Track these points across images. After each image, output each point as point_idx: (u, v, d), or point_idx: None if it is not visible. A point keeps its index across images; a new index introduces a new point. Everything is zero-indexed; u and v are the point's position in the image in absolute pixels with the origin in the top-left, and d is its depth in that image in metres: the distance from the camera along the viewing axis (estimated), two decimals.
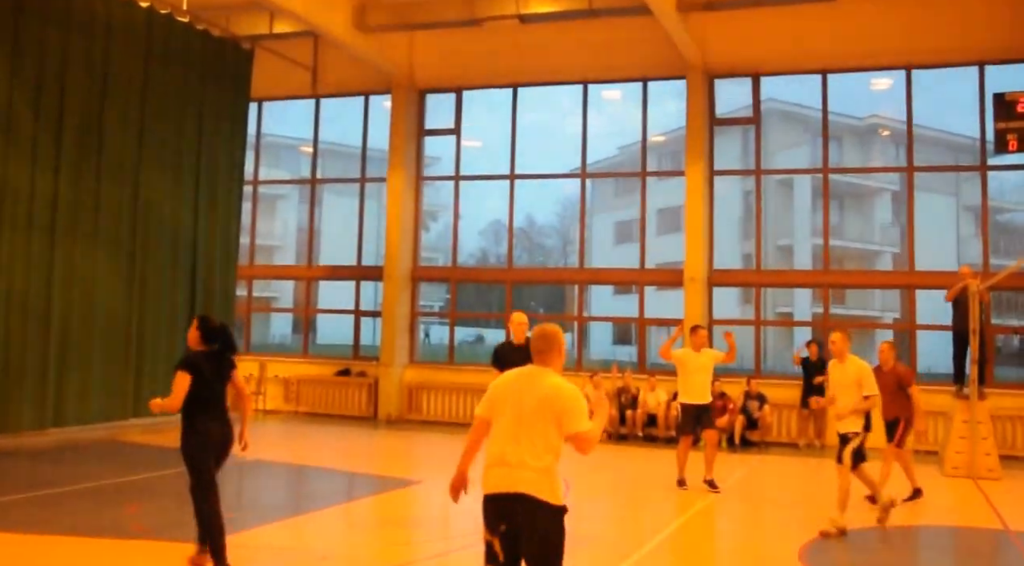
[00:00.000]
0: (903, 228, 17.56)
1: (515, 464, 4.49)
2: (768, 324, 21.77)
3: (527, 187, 20.51)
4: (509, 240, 20.23)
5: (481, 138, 20.91)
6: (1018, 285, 16.95)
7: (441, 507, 10.54)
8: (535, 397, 4.56)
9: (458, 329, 21.70)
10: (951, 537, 9.61)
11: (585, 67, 18.51)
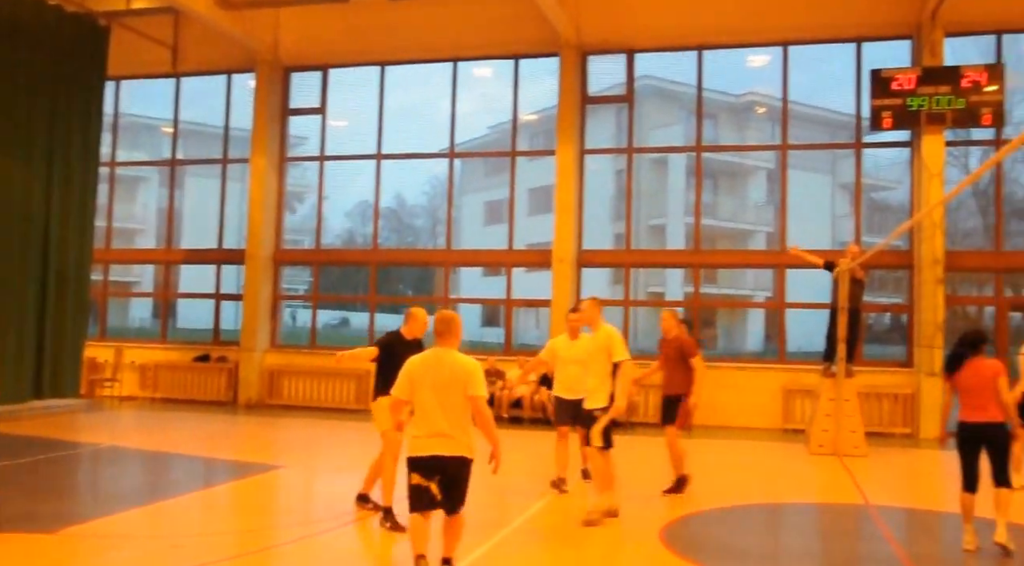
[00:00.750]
0: (777, 207, 17.60)
1: (447, 435, 5.95)
2: (638, 304, 21.72)
3: (397, 167, 19.94)
4: (375, 221, 19.56)
5: (349, 118, 20.18)
6: (891, 263, 17.20)
7: (303, 492, 10.38)
8: (447, 373, 6.01)
9: (324, 312, 21.02)
10: (814, 514, 9.59)
11: (456, 44, 17.97)
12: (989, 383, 7.48)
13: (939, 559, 7.87)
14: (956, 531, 7.70)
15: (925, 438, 15.10)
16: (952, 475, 12.57)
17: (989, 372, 7.51)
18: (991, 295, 16.50)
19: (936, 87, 15.49)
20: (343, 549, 7.46)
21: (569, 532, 7.99)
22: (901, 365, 16.18)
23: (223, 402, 18.21)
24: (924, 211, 12.47)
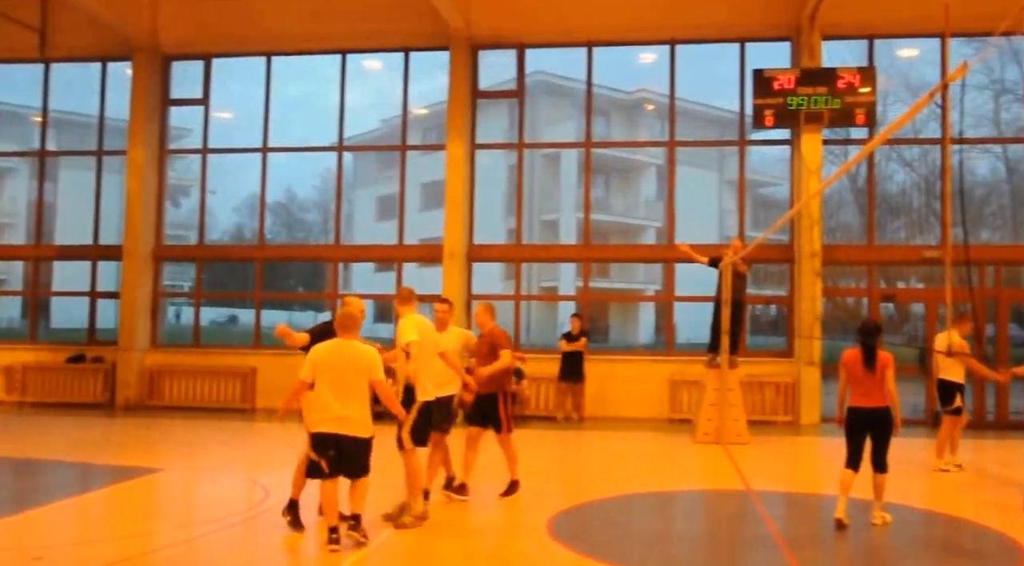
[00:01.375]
0: (667, 202, 17.92)
1: (345, 417, 6.78)
2: (528, 299, 21.83)
3: (287, 161, 19.53)
4: (260, 216, 19.06)
5: (235, 109, 19.69)
6: (773, 257, 17.70)
7: (184, 495, 10.01)
8: (351, 362, 6.84)
9: (211, 310, 20.38)
10: (698, 500, 9.76)
11: (344, 35, 17.65)
12: (881, 372, 7.95)
13: (811, 538, 8.08)
14: (830, 512, 7.94)
15: (805, 424, 15.64)
16: (829, 459, 13.12)
17: (884, 362, 7.97)
18: (866, 287, 17.14)
19: (814, 88, 16.01)
20: (227, 551, 7.22)
21: (457, 526, 7.93)
22: (782, 355, 16.70)
23: (100, 404, 17.43)
24: (798, 205, 12.87)
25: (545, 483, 10.13)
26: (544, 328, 26.33)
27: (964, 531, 8.08)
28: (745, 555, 7.33)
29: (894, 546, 7.77)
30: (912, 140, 16.72)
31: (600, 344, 26.60)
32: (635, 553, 7.07)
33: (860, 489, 8.16)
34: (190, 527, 7.93)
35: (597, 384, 16.22)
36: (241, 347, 18.58)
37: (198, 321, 18.78)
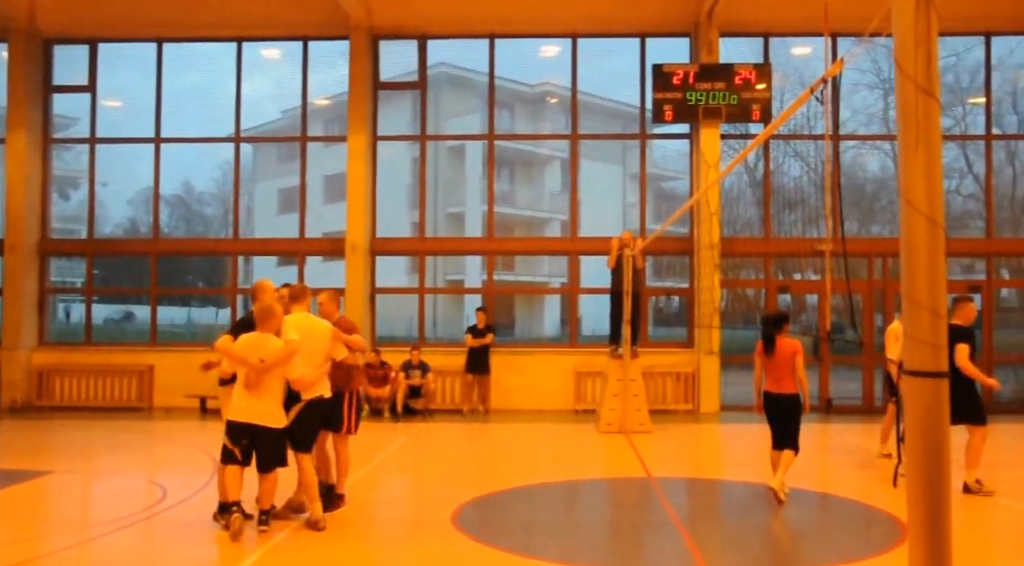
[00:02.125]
0: (571, 195, 18.07)
1: (257, 408, 6.99)
2: (434, 292, 21.77)
3: (185, 153, 18.93)
4: (155, 209, 18.45)
5: (125, 98, 18.97)
6: (674, 249, 18.04)
7: (76, 497, 9.60)
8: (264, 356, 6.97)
9: (106, 307, 19.64)
10: (601, 488, 9.87)
11: (239, 23, 17.22)
12: (788, 360, 8.48)
13: (710, 522, 8.35)
14: (727, 496, 8.16)
15: (705, 413, 16.03)
16: (728, 446, 13.50)
17: (788, 350, 8.51)
18: (763, 279, 17.62)
19: (712, 83, 16.37)
20: (121, 553, 6.98)
21: (361, 521, 7.84)
22: (683, 346, 17.05)
23: None
24: (694, 197, 13.14)
25: (451, 475, 10.16)
26: (450, 321, 26.30)
27: (856, 512, 8.37)
28: (646, 540, 7.45)
29: (789, 528, 8.01)
30: (799, 136, 17.18)
31: (506, 337, 26.72)
32: (538, 541, 7.11)
33: (759, 474, 8.40)
34: (82, 530, 7.62)
35: (503, 377, 16.28)
36: (137, 344, 18.00)
37: (90, 318, 18.07)
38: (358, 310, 16.52)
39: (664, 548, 7.16)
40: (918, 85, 2.92)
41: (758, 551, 7.16)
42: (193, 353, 14.51)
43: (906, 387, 2.97)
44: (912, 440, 2.94)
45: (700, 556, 6.76)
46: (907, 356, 2.96)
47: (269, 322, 7.17)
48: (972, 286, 17.76)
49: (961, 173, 20.46)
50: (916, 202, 2.89)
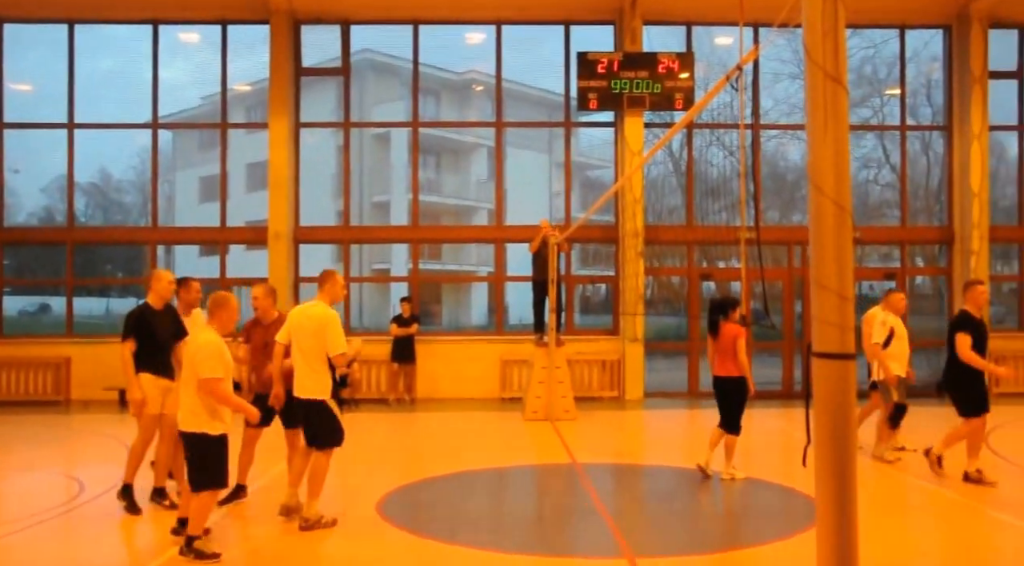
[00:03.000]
0: (497, 184, 18.06)
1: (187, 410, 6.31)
2: (358, 281, 21.60)
3: (101, 139, 18.35)
4: (69, 197, 17.82)
5: (39, 82, 18.33)
6: (600, 237, 18.17)
7: None
8: (188, 356, 6.37)
9: (20, 299, 18.97)
10: (526, 475, 9.91)
11: (155, 5, 16.75)
12: (731, 344, 8.79)
13: (631, 505, 8.48)
14: (651, 480, 8.27)
15: (630, 399, 16.22)
16: (652, 431, 13.67)
17: (731, 335, 8.81)
18: (686, 266, 17.85)
19: (636, 72, 16.50)
20: (36, 548, 6.75)
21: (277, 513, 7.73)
22: (608, 333, 17.21)
23: None
24: (616, 184, 13.27)
25: (377, 465, 10.09)
26: (376, 310, 26.07)
27: (777, 494, 8.56)
28: (571, 526, 7.51)
29: (711, 511, 8.16)
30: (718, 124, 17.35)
31: (432, 326, 26.63)
32: (465, 529, 7.11)
33: (683, 458, 8.53)
34: None
35: (429, 365, 16.23)
36: (53, 336, 17.43)
37: (0, 310, 17.43)
38: (282, 300, 16.26)
39: (588, 533, 7.22)
40: (826, 73, 2.97)
41: (680, 534, 7.27)
42: (112, 344, 14.12)
43: (815, 368, 3.02)
44: (819, 420, 3.00)
45: (623, 540, 6.83)
46: (816, 338, 3.01)
47: (215, 314, 6.49)
48: (888, 273, 18.30)
49: (879, 163, 20.99)
50: (824, 187, 2.95)
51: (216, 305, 6.51)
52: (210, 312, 6.53)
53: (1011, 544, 7.01)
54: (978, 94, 17.01)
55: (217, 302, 6.53)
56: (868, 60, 19.91)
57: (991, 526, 7.51)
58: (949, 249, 17.58)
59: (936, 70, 18.30)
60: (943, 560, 6.58)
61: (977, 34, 17.06)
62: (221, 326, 6.48)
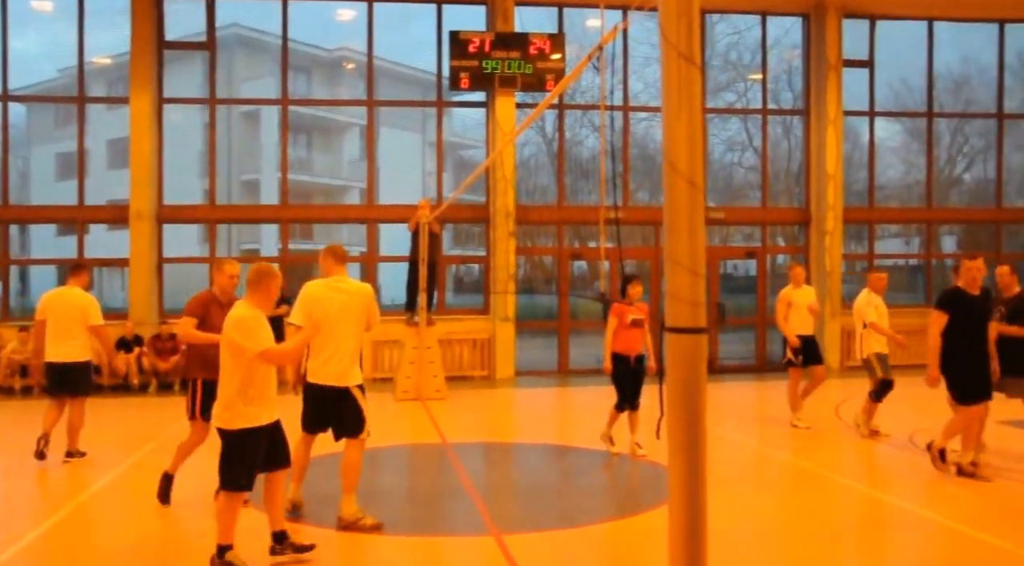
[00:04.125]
0: (368, 163, 17.80)
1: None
2: None
3: None
4: None
5: None
6: (471, 217, 18.17)
7: None
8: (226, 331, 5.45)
9: None
10: (397, 455, 9.83)
11: None
12: (646, 322, 8.90)
13: (499, 483, 8.57)
14: (520, 458, 8.33)
15: (501, 378, 16.34)
16: (521, 410, 13.80)
17: (645, 312, 8.92)
18: (556, 246, 18.06)
19: (508, 52, 16.53)
20: None
21: (146, 494, 7.43)
22: (479, 313, 17.27)
23: None
24: (485, 163, 13.27)
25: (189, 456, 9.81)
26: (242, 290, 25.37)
27: (647, 470, 8.76)
28: (438, 506, 7.51)
29: (578, 487, 8.29)
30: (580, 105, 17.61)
31: None
32: (332, 511, 7.00)
33: (552, 436, 8.63)
34: None
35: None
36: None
37: None
38: (144, 281, 15.68)
39: (456, 512, 7.25)
40: (680, 53, 2.99)
41: (547, 510, 7.36)
42: None
43: (668, 343, 3.06)
44: (672, 394, 3.04)
45: (490, 518, 6.88)
46: (669, 314, 3.05)
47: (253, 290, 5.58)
48: (749, 252, 18.99)
49: (743, 146, 21.69)
50: (678, 165, 2.98)
51: (264, 276, 5.55)
52: (254, 285, 5.55)
53: (854, 508, 7.41)
54: (833, 81, 17.80)
55: (263, 273, 5.56)
56: (734, 46, 20.52)
57: (838, 492, 7.92)
58: (806, 229, 18.37)
59: (796, 57, 19.02)
60: (788, 525, 6.88)
61: (832, 23, 17.82)
62: (262, 303, 5.58)
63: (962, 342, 7.79)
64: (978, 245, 20.22)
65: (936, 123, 19.65)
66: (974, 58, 20.01)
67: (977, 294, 7.92)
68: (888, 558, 6.16)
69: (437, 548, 6.29)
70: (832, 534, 6.66)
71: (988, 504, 7.36)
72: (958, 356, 7.80)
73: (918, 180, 19.55)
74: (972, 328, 7.84)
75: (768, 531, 6.65)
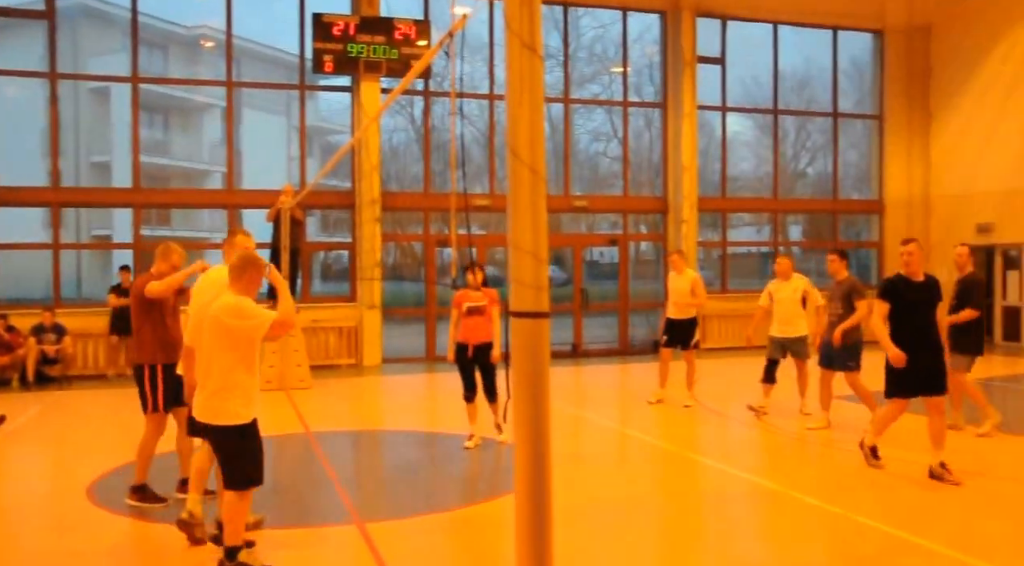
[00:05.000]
0: (233, 146, 17.29)
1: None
2: (72, 247, 19.96)
3: None
4: None
5: None
6: (335, 203, 17.91)
7: None
8: (212, 317, 5.24)
9: None
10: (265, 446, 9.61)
11: None
12: (487, 309, 8.74)
13: (363, 472, 8.60)
14: (385, 446, 8.32)
15: (368, 366, 16.24)
16: (389, 398, 13.76)
17: (487, 298, 8.78)
18: (422, 233, 18.02)
19: (373, 36, 16.37)
20: None
21: None
22: (345, 300, 17.08)
23: None
24: (345, 147, 13.10)
25: (93, 444, 9.51)
26: (95, 280, 24.22)
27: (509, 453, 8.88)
28: (301, 497, 7.43)
29: (441, 473, 8.33)
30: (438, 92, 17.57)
31: None
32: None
33: (417, 423, 8.65)
34: None
35: None
36: None
37: None
38: None
39: (319, 502, 7.20)
40: (523, 42, 3.04)
41: (411, 497, 7.38)
42: None
43: (512, 327, 3.11)
44: (517, 376, 3.09)
45: (353, 507, 6.86)
46: (513, 298, 3.10)
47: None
48: (611, 239, 19.44)
49: (608, 137, 22.12)
50: (520, 153, 3.03)
51: (250, 265, 5.27)
52: (238, 274, 5.24)
53: (705, 482, 7.74)
54: (689, 76, 18.47)
55: (249, 262, 5.29)
56: (599, 39, 20.89)
57: (690, 468, 8.25)
58: (664, 218, 18.99)
59: (656, 53, 19.58)
60: (642, 500, 7.13)
61: (687, 21, 18.49)
62: (249, 293, 5.30)
63: (900, 333, 7.32)
64: (819, 235, 21.47)
65: (783, 120, 20.70)
66: (815, 60, 21.19)
67: (920, 280, 7.41)
68: (729, 527, 6.46)
69: (298, 539, 6.22)
70: (682, 507, 6.96)
71: (824, 474, 7.92)
72: (896, 345, 7.32)
73: (768, 172, 20.51)
74: (912, 318, 7.31)
75: (623, 507, 6.87)
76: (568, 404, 11.90)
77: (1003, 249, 18.95)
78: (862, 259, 21.74)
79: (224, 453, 5.36)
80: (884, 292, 7.43)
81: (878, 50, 20.93)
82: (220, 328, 5.18)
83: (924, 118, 20.63)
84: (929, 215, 20.44)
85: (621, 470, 8.38)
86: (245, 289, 5.26)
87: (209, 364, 5.27)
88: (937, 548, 5.68)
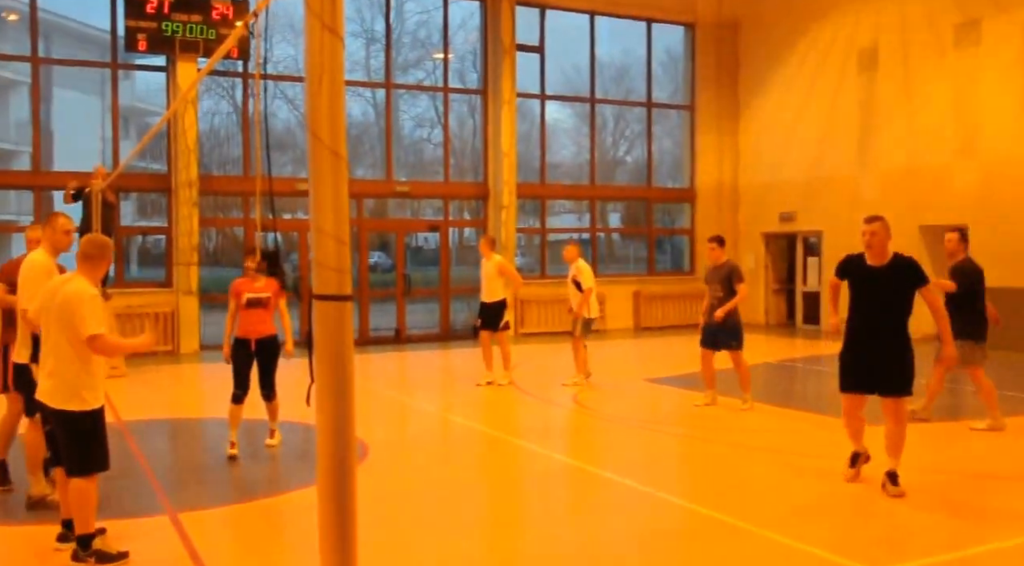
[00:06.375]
0: (42, 126, 16.42)
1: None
2: None
3: None
4: None
5: None
6: (150, 186, 17.36)
7: None
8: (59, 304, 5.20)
9: None
10: None
11: None
12: (272, 301, 8.22)
13: (175, 460, 8.63)
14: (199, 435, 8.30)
15: (185, 353, 15.89)
16: (208, 385, 13.53)
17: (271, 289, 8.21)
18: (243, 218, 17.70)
19: (189, 15, 15.97)
20: None
21: None
22: (161, 285, 16.61)
23: None
24: (154, 128, 12.83)
25: None
26: None
27: None
28: (111, 488, 7.25)
29: (256, 461, 8.36)
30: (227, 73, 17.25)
31: None
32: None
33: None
34: None
35: None
36: None
37: None
38: None
39: (130, 493, 7.06)
40: (324, 23, 2.95)
41: (225, 485, 7.46)
42: None
43: (316, 310, 3.15)
44: (320, 359, 3.17)
45: (166, 497, 6.85)
46: (316, 281, 3.13)
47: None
48: (432, 225, 19.76)
49: (432, 123, 22.33)
50: (322, 136, 3.02)
51: (106, 249, 5.49)
52: (88, 258, 5.35)
53: (523, 465, 8.19)
54: (508, 64, 18.96)
55: (104, 246, 5.50)
56: (423, 24, 21.02)
57: (510, 451, 8.69)
58: (485, 204, 19.46)
59: (477, 40, 19.96)
60: (460, 483, 7.50)
61: (506, 9, 18.96)
62: (96, 279, 5.42)
63: (851, 317, 6.68)
64: (635, 220, 22.48)
65: (602, 108, 21.55)
66: (632, 51, 22.10)
67: (881, 264, 6.53)
68: (541, 505, 6.91)
69: (109, 531, 6.14)
70: (498, 489, 7.37)
71: (639, 455, 8.51)
72: (846, 333, 6.74)
73: (588, 160, 21.29)
74: (861, 304, 6.59)
75: (441, 489, 7.20)
76: (391, 389, 12.13)
77: (804, 236, 20.18)
78: (676, 246, 22.93)
79: (71, 439, 5.29)
80: (837, 268, 6.87)
81: (689, 43, 22.00)
82: (63, 310, 5.18)
83: (733, 109, 21.84)
84: (738, 203, 21.67)
85: (444, 453, 8.69)
86: (96, 278, 5.41)
87: (56, 348, 5.23)
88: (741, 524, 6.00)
